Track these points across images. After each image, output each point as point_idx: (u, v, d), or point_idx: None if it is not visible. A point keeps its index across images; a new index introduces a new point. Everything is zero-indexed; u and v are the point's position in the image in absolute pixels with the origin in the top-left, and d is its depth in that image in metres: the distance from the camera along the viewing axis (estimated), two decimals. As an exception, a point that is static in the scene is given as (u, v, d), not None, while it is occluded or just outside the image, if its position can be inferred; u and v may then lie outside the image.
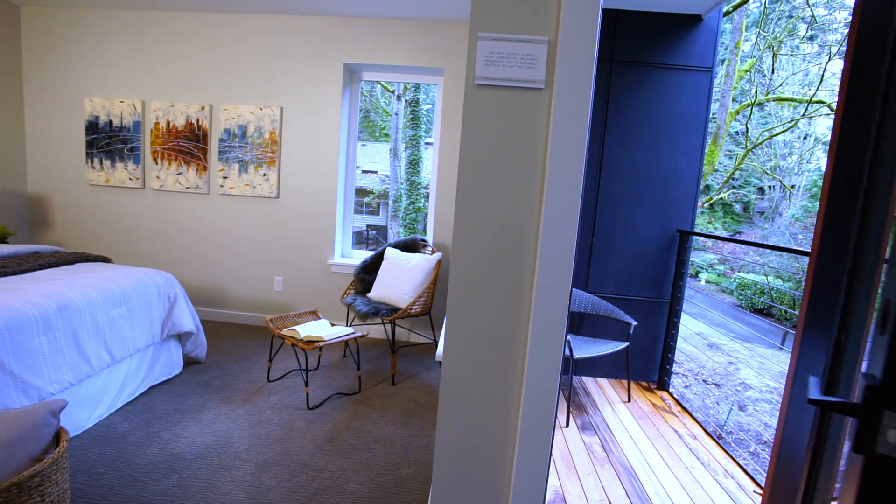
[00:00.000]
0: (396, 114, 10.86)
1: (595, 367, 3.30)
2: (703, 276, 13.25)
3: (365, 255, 3.78)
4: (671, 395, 3.13)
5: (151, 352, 2.63)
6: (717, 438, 2.60)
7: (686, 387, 6.81)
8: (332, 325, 2.98)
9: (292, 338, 2.66)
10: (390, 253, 3.53)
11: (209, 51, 3.78)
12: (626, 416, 2.78)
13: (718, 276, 13.11)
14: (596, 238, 3.15)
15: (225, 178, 3.84)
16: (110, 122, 3.87)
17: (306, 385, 2.66)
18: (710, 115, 3.13)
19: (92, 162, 3.94)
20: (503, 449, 1.43)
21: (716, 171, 12.65)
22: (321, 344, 2.60)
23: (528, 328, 1.37)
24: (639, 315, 3.14)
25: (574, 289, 3.11)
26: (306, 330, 2.74)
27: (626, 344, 2.84)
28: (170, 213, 3.98)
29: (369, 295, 3.45)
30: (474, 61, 1.28)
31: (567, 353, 2.59)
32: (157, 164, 3.89)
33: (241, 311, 4.02)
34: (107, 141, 3.90)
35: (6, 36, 3.83)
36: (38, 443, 1.60)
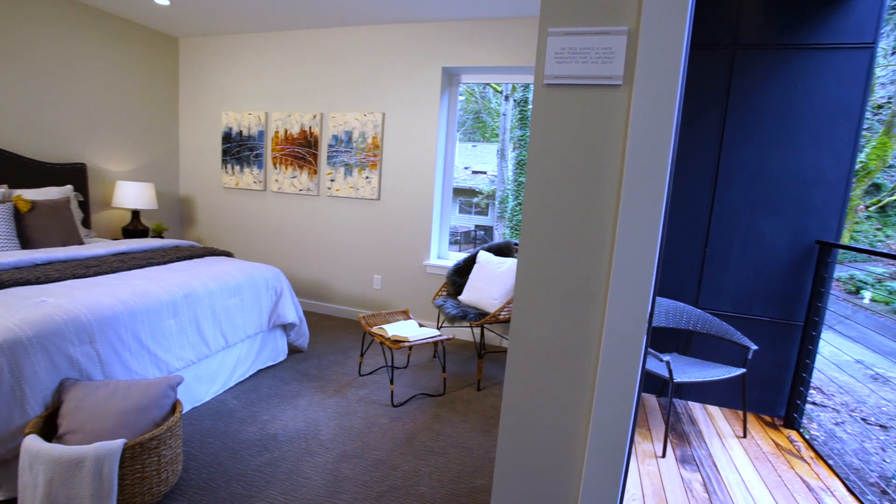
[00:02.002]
0: (504, 114, 10.80)
1: (704, 392, 2.92)
2: (867, 293, 11.04)
3: (460, 256, 3.80)
4: (802, 436, 2.64)
5: (260, 339, 2.94)
6: (880, 495, 2.12)
7: (837, 423, 5.72)
8: (421, 325, 3.03)
9: (381, 336, 2.77)
10: (482, 256, 3.50)
11: (320, 63, 4.12)
12: (738, 453, 2.41)
13: (890, 293, 10.82)
14: (710, 248, 2.78)
15: (332, 180, 4.15)
16: (240, 132, 4.42)
17: (391, 383, 2.75)
18: (884, 101, 2.56)
19: (226, 167, 4.54)
20: (568, 478, 1.32)
21: (889, 166, 10.45)
22: (406, 344, 2.66)
23: (599, 345, 1.24)
24: (762, 338, 2.71)
25: (681, 304, 2.79)
26: (394, 329, 2.82)
27: (743, 370, 2.46)
28: (284, 213, 4.42)
29: (460, 298, 3.46)
30: (543, 60, 1.19)
31: (667, 374, 2.32)
32: (276, 168, 4.34)
33: (343, 305, 4.31)
34: (237, 149, 4.46)
35: (168, 64, 4.58)
36: (159, 411, 1.87)
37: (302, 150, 4.22)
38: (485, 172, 14.15)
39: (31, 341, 1.73)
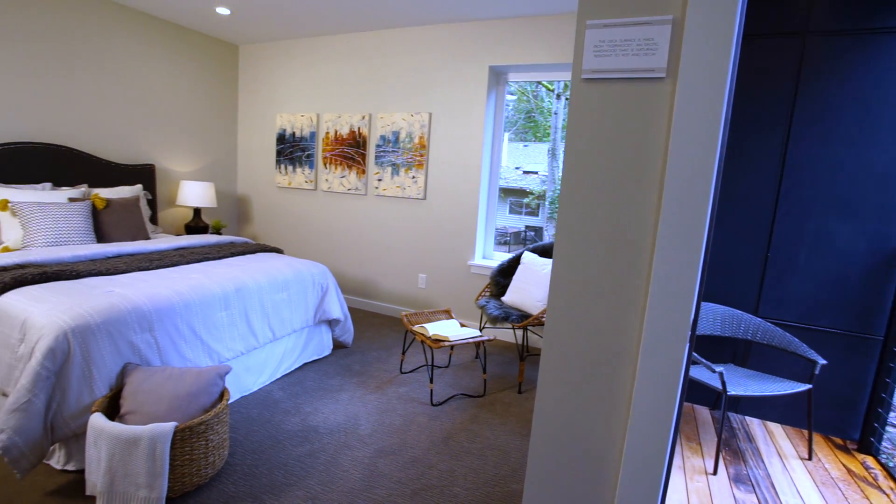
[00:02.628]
0: (556, 113, 10.56)
1: (765, 407, 2.71)
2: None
3: (506, 257, 3.75)
4: (880, 463, 2.39)
5: (306, 333, 3.04)
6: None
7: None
8: (462, 325, 3.02)
9: (421, 334, 2.78)
10: (527, 257, 3.43)
11: (368, 65, 4.20)
12: (801, 477, 2.22)
13: None
14: (773, 252, 2.58)
15: (379, 180, 4.23)
16: (293, 133, 4.61)
17: (431, 381, 2.76)
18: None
19: (279, 168, 4.74)
20: (602, 489, 1.26)
21: None
22: (446, 343, 2.66)
23: (637, 352, 1.18)
24: (832, 352, 2.48)
25: (738, 311, 2.61)
26: (435, 328, 2.83)
27: (808, 386, 2.26)
28: (333, 212, 4.55)
29: (503, 299, 3.42)
30: (581, 54, 1.14)
31: (720, 386, 2.18)
32: (326, 168, 4.48)
33: (388, 303, 4.38)
34: (290, 149, 4.65)
35: (228, 70, 4.84)
36: (208, 398, 1.97)
37: (351, 151, 4.34)
38: (536, 173, 13.92)
39: (100, 327, 1.88)
